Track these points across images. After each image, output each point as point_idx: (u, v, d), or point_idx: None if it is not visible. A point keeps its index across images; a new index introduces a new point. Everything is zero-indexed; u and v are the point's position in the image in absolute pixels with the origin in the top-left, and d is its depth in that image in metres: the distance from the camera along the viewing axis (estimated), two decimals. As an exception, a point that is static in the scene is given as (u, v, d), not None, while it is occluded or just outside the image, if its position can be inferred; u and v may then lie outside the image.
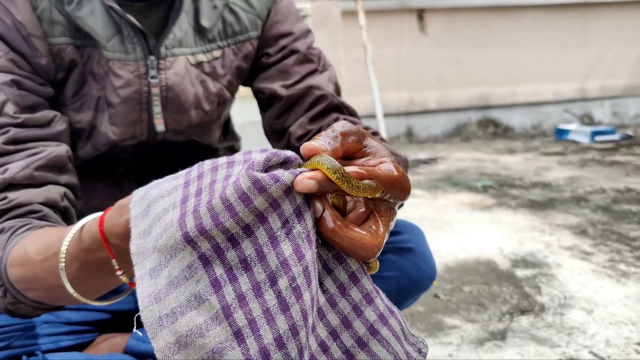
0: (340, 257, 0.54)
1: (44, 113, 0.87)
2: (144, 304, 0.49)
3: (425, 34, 5.43)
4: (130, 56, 0.92)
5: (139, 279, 0.51)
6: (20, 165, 0.82)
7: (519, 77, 5.70)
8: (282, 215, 0.50)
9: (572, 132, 5.12)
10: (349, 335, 0.54)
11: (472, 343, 1.55)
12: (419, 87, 5.42)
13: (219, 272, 0.49)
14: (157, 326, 0.48)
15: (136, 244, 0.53)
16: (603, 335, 1.57)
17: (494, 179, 3.63)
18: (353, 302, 0.54)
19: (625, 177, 3.52)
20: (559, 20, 5.75)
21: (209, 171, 0.53)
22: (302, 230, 0.50)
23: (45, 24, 0.88)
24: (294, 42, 1.05)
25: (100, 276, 0.65)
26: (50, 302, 0.74)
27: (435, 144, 5.24)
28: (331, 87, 1.04)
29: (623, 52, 5.98)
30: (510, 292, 1.89)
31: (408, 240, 1.09)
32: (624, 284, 1.91)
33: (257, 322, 0.48)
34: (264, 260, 0.49)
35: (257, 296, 0.49)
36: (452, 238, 2.47)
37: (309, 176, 0.50)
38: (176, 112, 0.99)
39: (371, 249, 0.52)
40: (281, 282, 0.49)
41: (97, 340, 1.01)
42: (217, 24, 0.99)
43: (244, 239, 0.49)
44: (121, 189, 1.04)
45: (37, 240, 0.72)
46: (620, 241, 2.33)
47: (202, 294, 0.49)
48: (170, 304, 0.48)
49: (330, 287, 0.54)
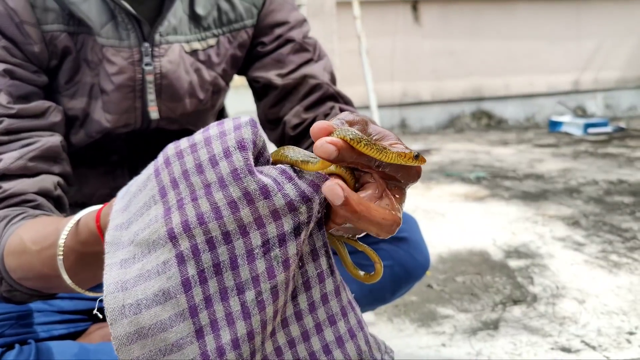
0: (321, 277, 0.56)
1: (38, 103, 0.86)
2: (109, 290, 0.50)
3: (420, 25, 5.42)
4: (124, 43, 0.91)
5: (107, 267, 0.52)
6: (14, 155, 0.81)
7: (512, 68, 5.70)
8: (264, 235, 0.51)
9: (565, 124, 5.14)
10: (304, 348, 0.56)
11: (465, 333, 1.56)
12: (412, 78, 5.42)
13: (192, 272, 0.50)
14: (119, 314, 0.49)
15: (111, 234, 0.54)
16: (595, 324, 1.58)
17: (488, 170, 3.64)
18: (317, 320, 0.57)
19: (617, 169, 3.54)
20: (553, 12, 5.75)
21: (174, 157, 0.52)
22: (280, 255, 0.51)
23: (39, 11, 0.87)
24: (290, 31, 1.04)
25: (96, 267, 0.65)
26: (45, 290, 0.74)
27: (429, 135, 5.24)
28: (327, 76, 1.03)
29: (616, 45, 6.00)
30: (503, 282, 1.89)
31: (402, 230, 1.09)
32: (616, 274, 1.92)
33: (219, 323, 0.50)
34: (236, 270, 0.51)
35: (222, 299, 0.50)
36: (445, 229, 2.48)
37: (330, 141, 0.49)
38: (170, 100, 0.98)
39: (391, 226, 0.51)
40: (248, 294, 0.51)
41: (91, 329, 1.01)
42: (212, 12, 0.99)
43: (221, 244, 0.50)
44: (114, 177, 1.04)
45: (33, 230, 0.71)
46: (612, 232, 2.34)
47: (170, 291, 0.49)
48: (137, 295, 0.49)
49: (302, 302, 0.56)
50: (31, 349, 0.83)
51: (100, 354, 0.90)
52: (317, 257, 0.55)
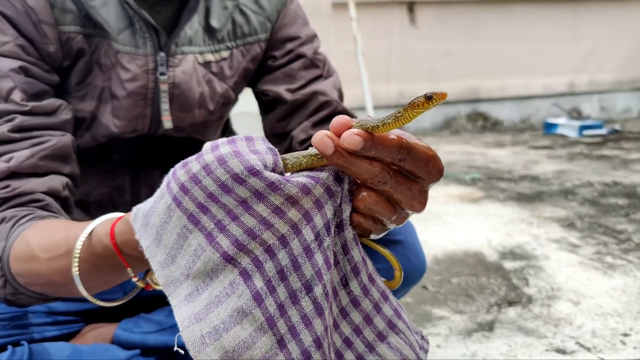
0: (364, 260, 0.58)
1: (50, 101, 0.86)
2: (184, 325, 0.49)
3: (416, 27, 5.42)
4: (140, 50, 0.91)
5: (175, 307, 0.51)
6: (25, 154, 0.81)
7: (508, 70, 5.71)
8: (314, 228, 0.52)
9: (561, 126, 5.15)
10: (370, 331, 0.58)
11: (460, 334, 1.56)
12: (409, 80, 5.42)
13: (259, 284, 0.50)
14: (200, 344, 0.49)
15: (162, 274, 0.52)
16: (589, 326, 1.58)
17: (483, 171, 3.64)
18: (374, 301, 0.58)
19: (612, 171, 3.55)
20: (549, 14, 5.77)
21: (190, 182, 0.51)
22: (330, 243, 0.53)
23: (57, 12, 0.86)
24: (301, 47, 1.05)
25: (111, 276, 0.66)
26: (52, 294, 0.74)
27: (425, 136, 5.24)
28: (335, 93, 1.05)
29: (611, 47, 6.02)
30: (498, 283, 1.90)
31: (397, 232, 1.09)
32: (611, 276, 1.92)
33: (297, 328, 0.51)
34: (299, 269, 0.51)
35: (294, 303, 0.51)
36: (440, 230, 2.48)
37: (357, 132, 0.49)
38: (180, 110, 0.98)
39: (435, 159, 0.53)
40: (316, 290, 0.52)
41: (84, 330, 1.01)
42: (226, 25, 0.99)
43: (280, 249, 0.51)
44: (114, 177, 1.03)
45: (41, 235, 0.71)
46: (607, 234, 2.35)
47: (244, 308, 0.50)
48: (212, 322, 0.49)
49: (355, 289, 0.57)
50: (24, 351, 0.82)
51: (93, 355, 0.89)
52: (357, 243, 0.57)
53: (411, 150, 0.51)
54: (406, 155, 0.51)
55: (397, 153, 0.51)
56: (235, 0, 0.99)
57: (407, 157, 0.51)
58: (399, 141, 0.50)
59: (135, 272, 0.62)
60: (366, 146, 0.49)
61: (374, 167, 0.51)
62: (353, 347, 0.57)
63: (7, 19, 0.83)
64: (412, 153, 0.51)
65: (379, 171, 0.51)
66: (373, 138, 0.49)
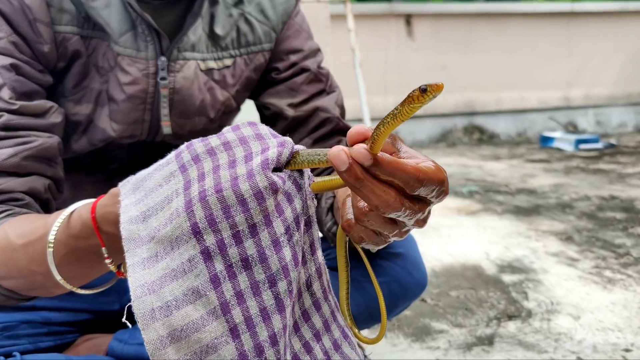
0: (324, 265, 0.58)
1: (40, 102, 0.84)
2: (137, 294, 0.49)
3: (413, 39, 5.44)
4: (141, 54, 0.89)
5: (130, 267, 0.50)
6: (8, 152, 0.79)
7: (504, 84, 5.74)
8: (285, 222, 0.51)
9: (557, 139, 5.17)
10: (328, 338, 0.57)
11: (459, 348, 1.54)
12: (405, 92, 5.32)
13: (219, 268, 0.49)
14: (150, 318, 0.48)
15: (127, 229, 0.52)
16: (590, 341, 1.56)
17: (480, 184, 3.64)
18: (332, 307, 0.58)
19: (609, 184, 3.55)
20: (544, 28, 5.81)
21: (205, 154, 0.52)
22: (299, 239, 0.52)
23: (54, 11, 0.85)
24: (305, 60, 1.04)
25: (87, 264, 0.64)
26: (26, 291, 0.71)
27: (421, 149, 5.24)
28: (337, 110, 1.04)
29: (607, 62, 6.06)
30: (498, 297, 1.88)
31: (398, 245, 1.08)
32: (610, 290, 1.91)
33: (254, 320, 0.49)
34: (266, 262, 0.50)
35: (254, 294, 0.49)
36: (438, 242, 2.46)
37: (365, 147, 0.49)
38: (180, 117, 0.96)
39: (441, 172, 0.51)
40: (280, 285, 0.50)
41: (78, 341, 0.98)
42: (231, 33, 0.98)
43: (248, 238, 0.50)
44: (112, 186, 1.01)
45: (19, 224, 0.69)
46: (606, 248, 2.34)
47: (200, 289, 0.48)
48: (165, 297, 0.48)
49: (317, 290, 0.57)
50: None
51: (87, 367, 0.87)
52: (318, 247, 0.57)
53: (421, 174, 0.50)
54: (421, 185, 0.50)
55: (412, 181, 0.50)
56: (241, 9, 0.98)
57: (421, 186, 0.50)
58: (416, 171, 0.49)
59: (111, 257, 0.60)
60: (373, 168, 0.49)
61: (387, 195, 0.50)
62: (312, 353, 0.55)
63: (2, 15, 0.82)
64: (426, 182, 0.50)
65: (393, 200, 0.50)
66: (380, 159, 0.49)
